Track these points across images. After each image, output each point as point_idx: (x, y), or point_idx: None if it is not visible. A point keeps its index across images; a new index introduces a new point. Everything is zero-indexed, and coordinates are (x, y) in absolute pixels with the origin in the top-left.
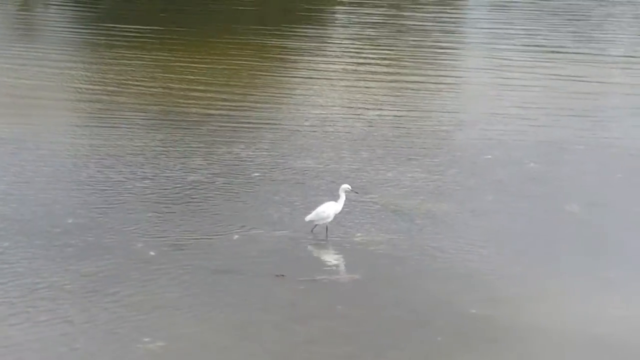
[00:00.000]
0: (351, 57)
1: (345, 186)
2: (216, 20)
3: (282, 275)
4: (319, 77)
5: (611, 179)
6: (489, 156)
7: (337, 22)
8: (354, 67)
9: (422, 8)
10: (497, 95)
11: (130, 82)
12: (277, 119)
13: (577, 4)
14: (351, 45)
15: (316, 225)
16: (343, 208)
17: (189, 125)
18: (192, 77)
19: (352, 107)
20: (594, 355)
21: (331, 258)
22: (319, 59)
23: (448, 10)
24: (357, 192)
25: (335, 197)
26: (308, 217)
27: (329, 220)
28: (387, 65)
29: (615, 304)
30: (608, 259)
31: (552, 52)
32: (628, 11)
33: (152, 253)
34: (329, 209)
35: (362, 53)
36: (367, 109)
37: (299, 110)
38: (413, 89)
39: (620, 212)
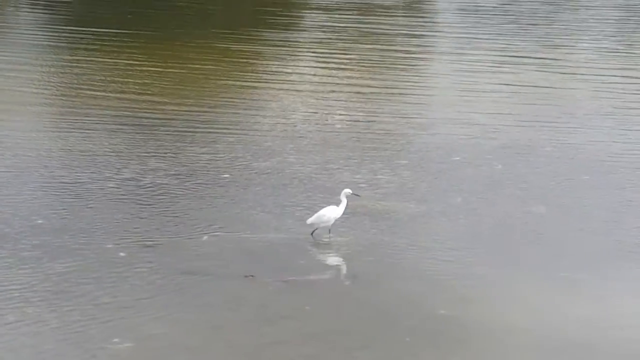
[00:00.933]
0: (318, 61)
1: (347, 190)
2: (183, 24)
3: (252, 276)
4: (285, 81)
5: (577, 181)
6: (457, 158)
7: (303, 27)
8: (320, 71)
9: (390, 13)
10: (464, 99)
11: (97, 85)
12: (244, 122)
13: (542, 9)
14: (318, 50)
15: (316, 228)
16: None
17: (155, 128)
18: (158, 81)
19: (318, 111)
20: (560, 355)
21: (300, 259)
22: (286, 63)
23: (415, 15)
24: (358, 195)
25: (330, 201)
26: (309, 220)
27: (330, 224)
28: (353, 69)
29: (580, 305)
30: (574, 260)
31: (519, 57)
32: (592, 16)
33: (121, 254)
34: (329, 213)
35: (329, 57)
36: (334, 112)
37: (267, 113)
38: (380, 93)
39: (586, 214)
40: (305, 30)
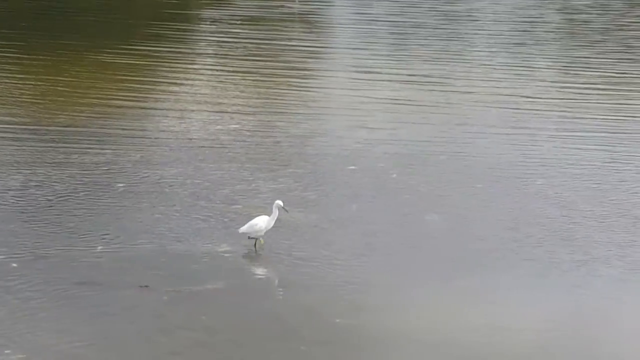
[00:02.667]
0: (209, 73)
1: (279, 202)
2: (76, 36)
3: (146, 286)
4: (175, 94)
5: (471, 189)
6: (353, 167)
7: (195, 39)
8: (211, 84)
9: (284, 25)
10: (360, 109)
11: None
12: (133, 134)
13: (437, 23)
14: (209, 63)
15: (250, 237)
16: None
17: (47, 139)
18: (52, 91)
19: (213, 120)
20: None
21: (196, 269)
22: (176, 76)
23: (309, 28)
24: (287, 210)
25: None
26: (241, 229)
27: (261, 233)
28: (244, 82)
29: (474, 312)
30: (467, 267)
31: (411, 70)
32: (485, 30)
33: (14, 265)
34: (261, 223)
35: (221, 70)
36: (226, 124)
37: (156, 126)
38: (275, 103)
39: (479, 221)
40: (197, 43)
